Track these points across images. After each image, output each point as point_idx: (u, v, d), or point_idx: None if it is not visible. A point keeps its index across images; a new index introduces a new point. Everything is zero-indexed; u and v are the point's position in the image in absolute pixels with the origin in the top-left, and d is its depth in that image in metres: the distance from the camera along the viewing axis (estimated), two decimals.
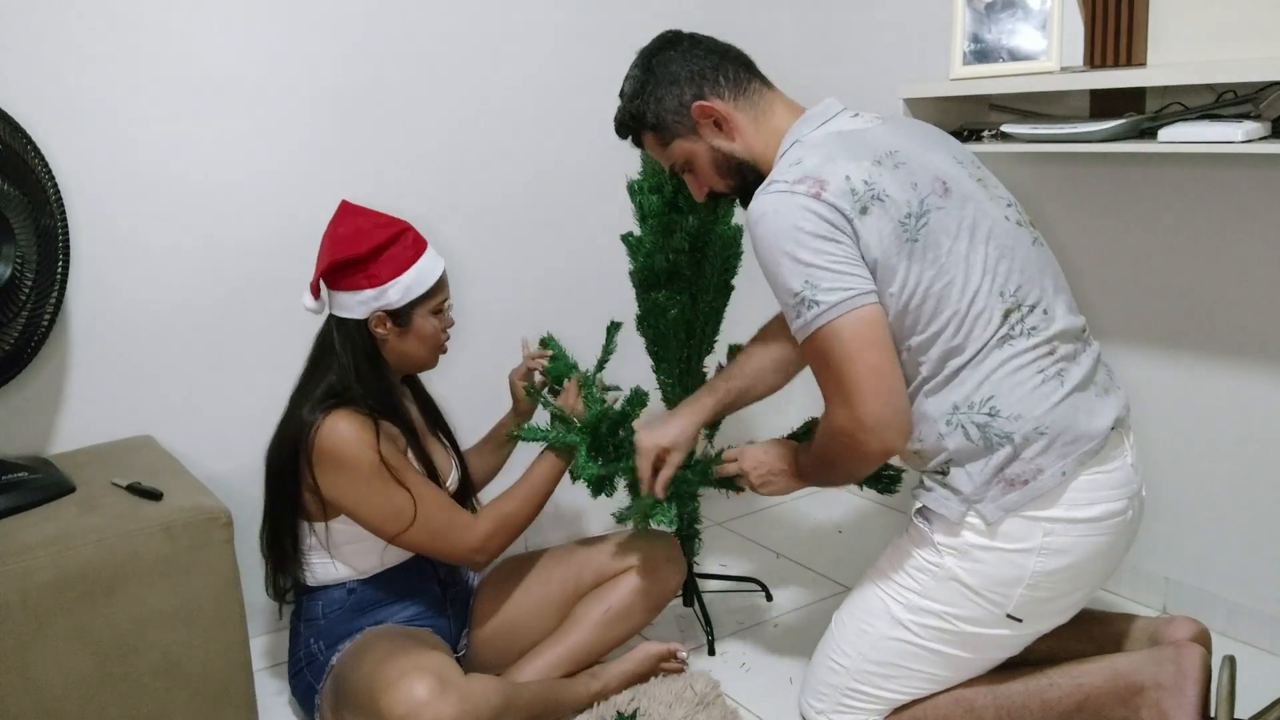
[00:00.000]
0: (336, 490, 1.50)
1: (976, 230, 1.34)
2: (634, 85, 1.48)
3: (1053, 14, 1.72)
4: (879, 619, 1.44)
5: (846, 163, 1.32)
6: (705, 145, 1.45)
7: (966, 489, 1.34)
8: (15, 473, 1.49)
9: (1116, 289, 1.91)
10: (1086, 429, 1.32)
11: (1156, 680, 1.35)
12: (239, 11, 1.81)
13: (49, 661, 1.33)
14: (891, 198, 1.30)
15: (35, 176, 1.55)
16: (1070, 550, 1.33)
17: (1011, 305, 1.33)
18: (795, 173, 1.32)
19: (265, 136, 1.86)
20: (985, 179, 1.43)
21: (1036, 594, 1.34)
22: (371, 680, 1.41)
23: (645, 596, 1.74)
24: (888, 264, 1.30)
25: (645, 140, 1.51)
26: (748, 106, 1.44)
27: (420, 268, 1.56)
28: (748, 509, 2.53)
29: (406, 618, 1.64)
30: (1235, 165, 1.69)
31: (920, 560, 1.40)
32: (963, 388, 1.33)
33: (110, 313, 1.75)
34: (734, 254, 1.80)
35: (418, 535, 1.53)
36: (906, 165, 1.34)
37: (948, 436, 1.33)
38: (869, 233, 1.30)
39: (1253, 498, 1.78)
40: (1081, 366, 1.36)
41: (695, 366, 1.83)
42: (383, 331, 1.56)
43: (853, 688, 1.46)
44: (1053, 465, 1.30)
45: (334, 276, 1.53)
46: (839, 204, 1.29)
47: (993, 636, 1.38)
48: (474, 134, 2.09)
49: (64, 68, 1.66)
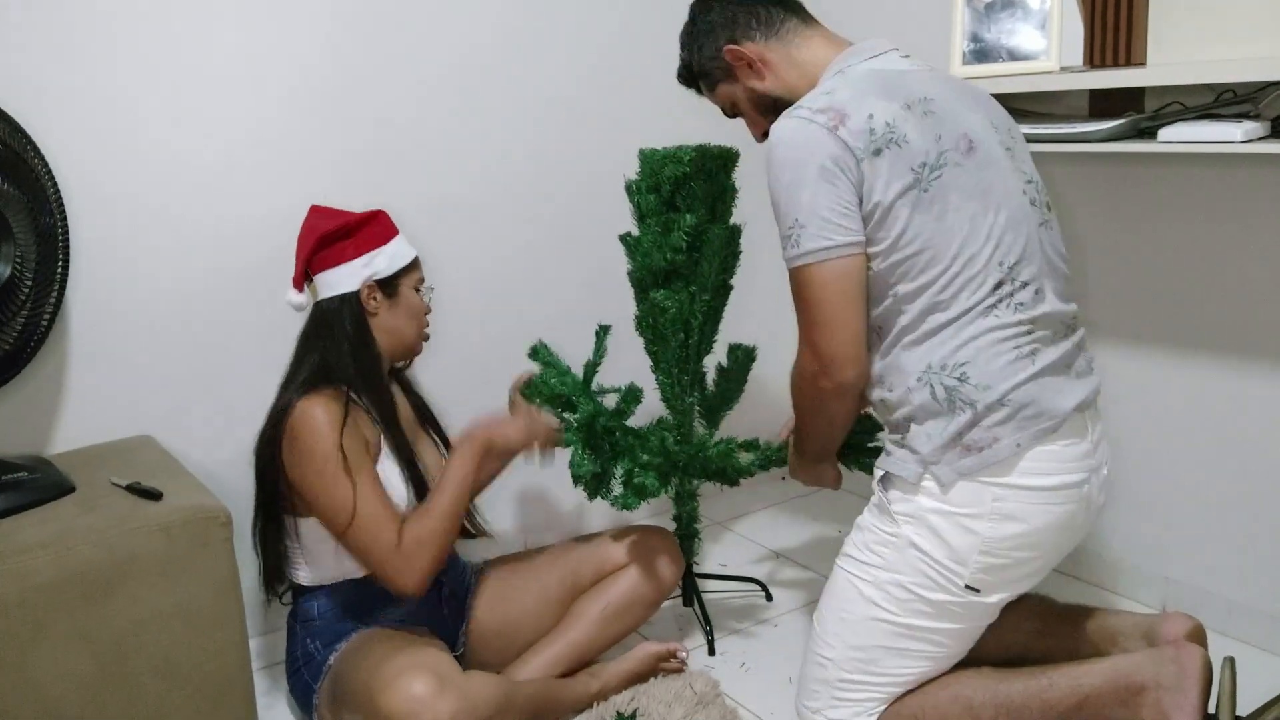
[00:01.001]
0: (296, 472, 1.50)
1: (989, 195, 1.35)
2: (683, 36, 1.58)
3: (1052, 14, 1.72)
4: (853, 603, 1.44)
5: (876, 100, 1.34)
6: (743, 87, 1.52)
7: (924, 449, 1.36)
8: (15, 473, 1.49)
9: (1116, 288, 1.91)
10: (1049, 407, 1.34)
11: (1157, 680, 1.35)
12: (240, 11, 1.81)
13: (48, 661, 1.33)
14: (910, 144, 1.32)
15: (35, 176, 1.55)
16: (1022, 517, 1.35)
17: (1005, 276, 1.34)
18: (822, 101, 1.35)
19: (266, 137, 1.86)
20: (1015, 150, 1.44)
21: (991, 560, 1.36)
22: (370, 679, 1.41)
23: (644, 592, 1.75)
24: (891, 209, 1.32)
25: (702, 90, 1.60)
26: (780, 45, 1.49)
27: (399, 241, 1.63)
28: (748, 509, 2.53)
29: (403, 617, 1.63)
30: (1235, 165, 1.69)
31: (880, 535, 1.42)
32: (940, 348, 1.35)
33: (110, 313, 1.75)
34: (732, 253, 1.80)
35: (352, 539, 1.49)
36: (936, 115, 1.36)
37: (915, 391, 1.37)
38: (877, 175, 1.32)
39: (1252, 497, 1.78)
40: (1058, 350, 1.38)
41: (694, 366, 1.83)
42: (374, 304, 1.58)
43: (843, 679, 1.46)
44: (1008, 436, 1.33)
45: (319, 258, 1.56)
46: (852, 142, 1.31)
47: (962, 604, 1.39)
48: (472, 135, 2.09)
49: (64, 67, 1.66)
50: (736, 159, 1.79)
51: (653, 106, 2.29)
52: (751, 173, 2.03)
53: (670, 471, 1.73)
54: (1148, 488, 1.93)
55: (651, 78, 2.28)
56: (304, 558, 1.59)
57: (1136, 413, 1.92)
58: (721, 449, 1.74)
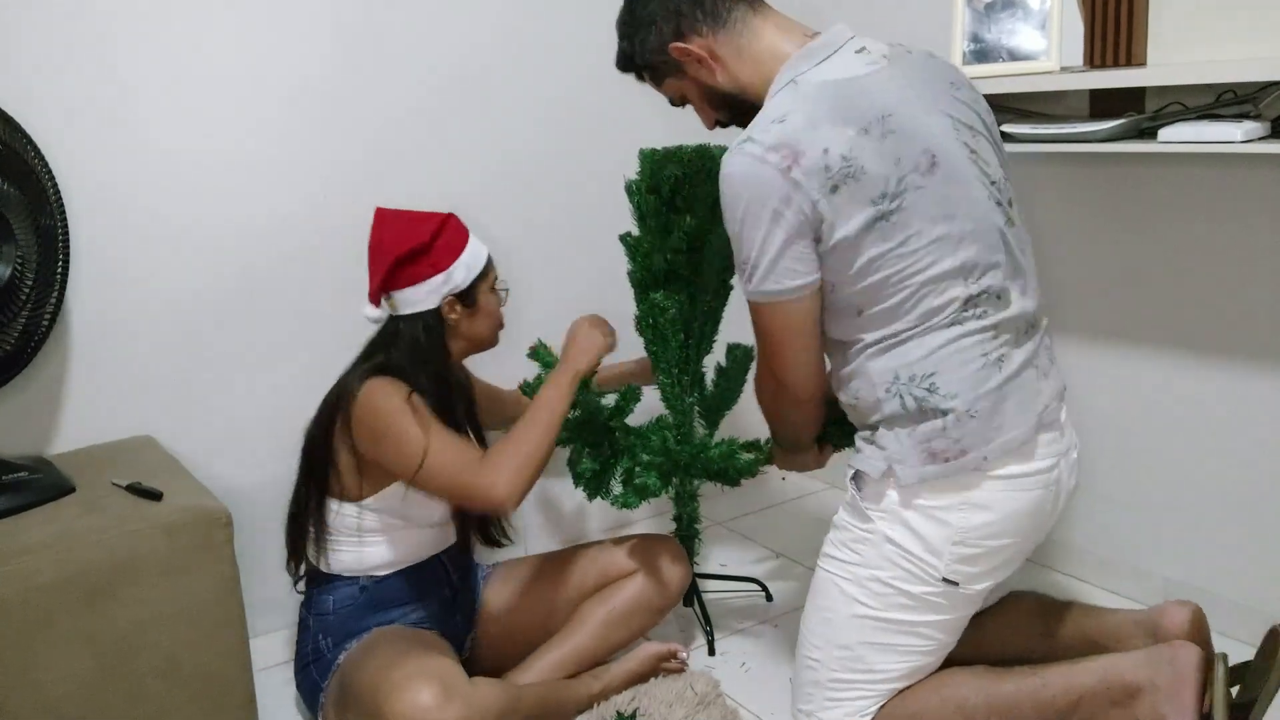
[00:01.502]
0: (362, 430, 1.52)
1: (955, 211, 1.33)
2: (620, 27, 1.51)
3: (1052, 14, 1.72)
4: (836, 602, 1.44)
5: (830, 129, 1.28)
6: (692, 81, 1.47)
7: (892, 448, 1.37)
8: (15, 473, 1.49)
9: (1115, 288, 1.91)
10: (1013, 420, 1.34)
11: (1153, 682, 1.35)
12: (241, 11, 1.81)
13: (49, 662, 1.33)
14: (868, 174, 1.29)
15: (35, 176, 1.55)
16: (991, 505, 1.35)
17: (971, 290, 1.34)
18: (774, 134, 1.29)
19: (267, 137, 1.86)
20: (980, 150, 1.40)
21: (965, 550, 1.36)
22: (376, 684, 1.42)
23: (649, 599, 1.75)
24: (852, 241, 1.31)
25: (644, 79, 1.55)
26: (729, 37, 1.41)
27: (473, 246, 1.63)
28: (748, 509, 2.54)
29: (415, 620, 1.64)
30: (1235, 165, 1.69)
31: (856, 532, 1.43)
32: (906, 356, 1.35)
33: (110, 313, 1.75)
34: (732, 254, 1.80)
35: (431, 468, 1.48)
36: (896, 134, 1.30)
37: (885, 402, 1.37)
38: (835, 212, 1.29)
39: (1252, 497, 1.78)
40: (1023, 351, 1.38)
41: (694, 367, 1.83)
42: (454, 316, 1.61)
43: (834, 679, 1.45)
44: (976, 448, 1.33)
45: (396, 276, 1.55)
46: (806, 183, 1.28)
47: (943, 595, 1.39)
48: (471, 135, 2.09)
49: (64, 68, 1.66)
50: None
51: (652, 107, 2.29)
52: None
53: (671, 471, 1.73)
54: (1147, 487, 1.93)
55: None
56: (334, 546, 1.61)
57: (1136, 412, 1.92)
58: (723, 449, 1.74)
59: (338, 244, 1.92)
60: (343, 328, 1.95)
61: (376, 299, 1.57)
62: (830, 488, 2.64)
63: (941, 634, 1.43)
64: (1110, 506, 2.00)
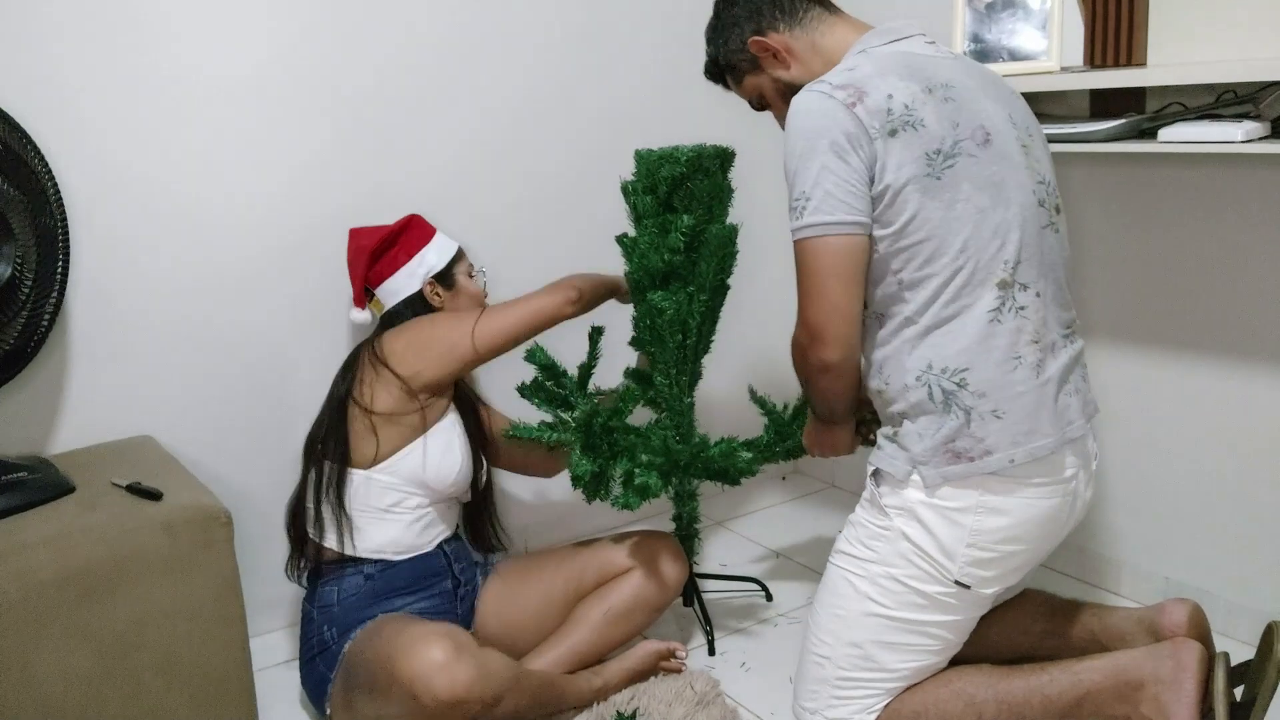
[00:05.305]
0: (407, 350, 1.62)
1: (1001, 191, 1.35)
2: (708, 32, 1.60)
3: (1053, 14, 1.72)
4: (848, 599, 1.44)
5: (897, 80, 1.34)
6: (768, 78, 1.54)
7: (915, 448, 1.37)
8: (15, 473, 1.49)
9: (1117, 288, 1.91)
10: (1042, 428, 1.34)
11: (1156, 676, 1.36)
12: (242, 12, 1.81)
13: (49, 660, 1.33)
14: (927, 128, 1.32)
15: (35, 176, 1.55)
16: (1007, 510, 1.35)
17: (1007, 278, 1.34)
18: (843, 77, 1.35)
19: (267, 137, 1.86)
20: (1032, 149, 1.43)
21: (978, 553, 1.36)
22: (389, 648, 1.43)
23: (646, 597, 1.75)
24: (902, 194, 1.32)
25: (729, 85, 1.62)
26: (804, 33, 1.50)
27: (440, 237, 1.78)
28: (748, 509, 2.54)
29: (418, 610, 1.66)
30: (1235, 165, 1.69)
31: (873, 529, 1.43)
32: (942, 348, 1.35)
33: (110, 312, 1.75)
34: (730, 254, 1.79)
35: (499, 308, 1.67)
36: (956, 102, 1.35)
37: (912, 390, 1.37)
38: (891, 157, 1.32)
39: (1253, 497, 1.78)
40: (1059, 361, 1.38)
41: (692, 367, 1.83)
42: (438, 299, 1.73)
43: (842, 677, 1.45)
44: (1002, 450, 1.33)
45: (375, 272, 1.69)
46: (868, 120, 1.31)
47: (955, 596, 1.39)
48: (468, 135, 2.09)
49: (64, 68, 1.66)
50: (733, 159, 1.78)
51: (650, 107, 2.29)
52: (749, 172, 2.03)
53: (672, 471, 1.73)
54: (1147, 487, 1.93)
55: (649, 78, 2.28)
56: (357, 524, 1.64)
57: (1137, 413, 1.92)
58: (723, 449, 1.74)
59: (339, 246, 1.92)
60: (343, 330, 1.95)
61: (362, 301, 1.64)
62: (830, 488, 2.64)
63: (950, 634, 1.44)
64: (1110, 506, 2.00)
